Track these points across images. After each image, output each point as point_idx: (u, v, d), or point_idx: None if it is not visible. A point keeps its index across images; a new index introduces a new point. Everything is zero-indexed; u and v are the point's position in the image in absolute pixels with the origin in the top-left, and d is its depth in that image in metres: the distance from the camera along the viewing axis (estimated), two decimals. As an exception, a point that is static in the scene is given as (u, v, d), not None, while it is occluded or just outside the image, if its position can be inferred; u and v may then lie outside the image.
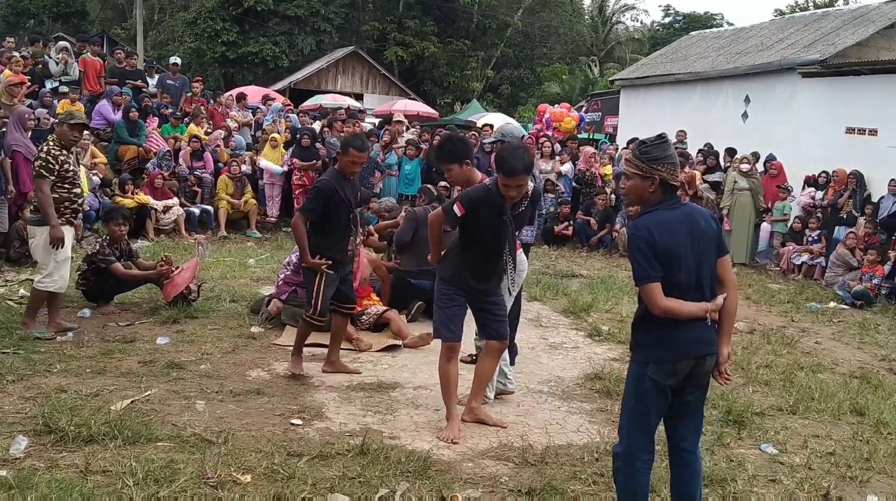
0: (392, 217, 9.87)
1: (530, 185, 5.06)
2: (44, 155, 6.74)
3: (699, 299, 3.57)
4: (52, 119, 8.88)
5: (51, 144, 6.82)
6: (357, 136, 6.90)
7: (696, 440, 3.80)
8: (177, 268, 8.12)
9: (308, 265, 6.02)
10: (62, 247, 6.73)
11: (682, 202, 3.66)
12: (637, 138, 16.57)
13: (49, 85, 14.61)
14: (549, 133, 18.89)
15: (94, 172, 12.49)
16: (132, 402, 5.32)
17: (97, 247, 7.93)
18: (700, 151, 15.66)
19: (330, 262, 6.01)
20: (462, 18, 36.81)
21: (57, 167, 6.69)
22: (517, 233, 5.24)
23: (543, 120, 21.14)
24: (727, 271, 3.71)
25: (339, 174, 6.11)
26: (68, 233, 6.86)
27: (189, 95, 16.18)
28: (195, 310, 7.85)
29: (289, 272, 7.74)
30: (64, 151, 6.81)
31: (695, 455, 3.78)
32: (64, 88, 14.09)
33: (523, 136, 6.89)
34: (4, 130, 9.86)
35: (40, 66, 15.16)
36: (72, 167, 6.85)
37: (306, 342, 7.06)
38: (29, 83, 12.92)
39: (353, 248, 6.37)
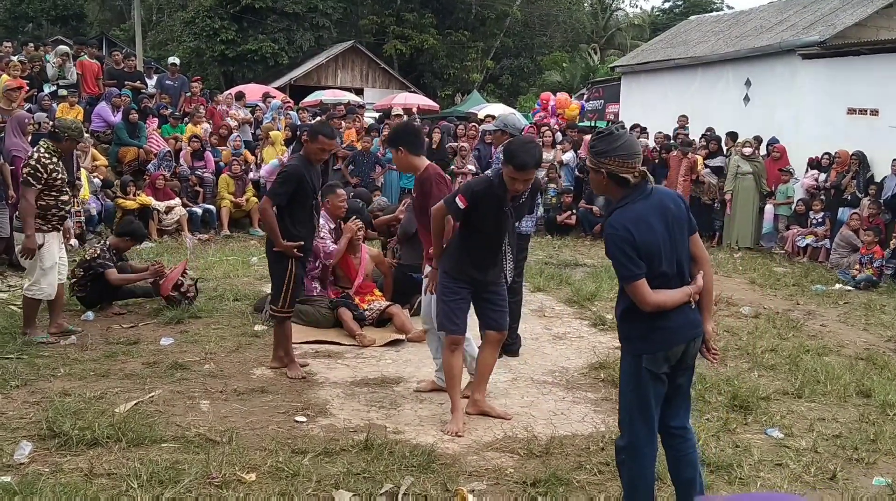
0: (388, 214, 9.84)
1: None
2: (33, 162, 6.67)
3: (681, 284, 3.57)
4: (51, 123, 8.83)
5: (42, 151, 6.75)
6: (325, 123, 6.99)
7: (686, 417, 3.80)
8: (170, 269, 8.18)
9: (281, 249, 6.02)
10: (31, 258, 6.69)
11: (650, 190, 3.58)
12: (638, 125, 16.57)
13: (47, 89, 14.61)
14: (553, 122, 18.87)
15: (94, 174, 12.50)
16: (136, 404, 5.33)
17: (97, 252, 7.93)
18: (703, 136, 15.61)
19: (302, 243, 6.07)
20: (460, 9, 36.73)
21: (45, 176, 6.65)
22: (517, 224, 5.23)
23: (549, 107, 21.07)
24: (699, 248, 3.70)
25: (306, 160, 6.16)
26: (55, 239, 6.83)
27: (188, 95, 16.18)
28: (198, 310, 7.85)
29: None
30: (54, 159, 6.77)
31: (687, 429, 3.78)
32: (62, 92, 14.09)
33: (524, 127, 6.86)
34: (3, 135, 9.85)
35: (39, 69, 15.15)
36: (60, 176, 6.81)
37: (311, 339, 7.12)
38: (27, 87, 12.92)
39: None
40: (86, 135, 12.75)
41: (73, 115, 13.36)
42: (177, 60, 17.58)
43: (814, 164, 14.17)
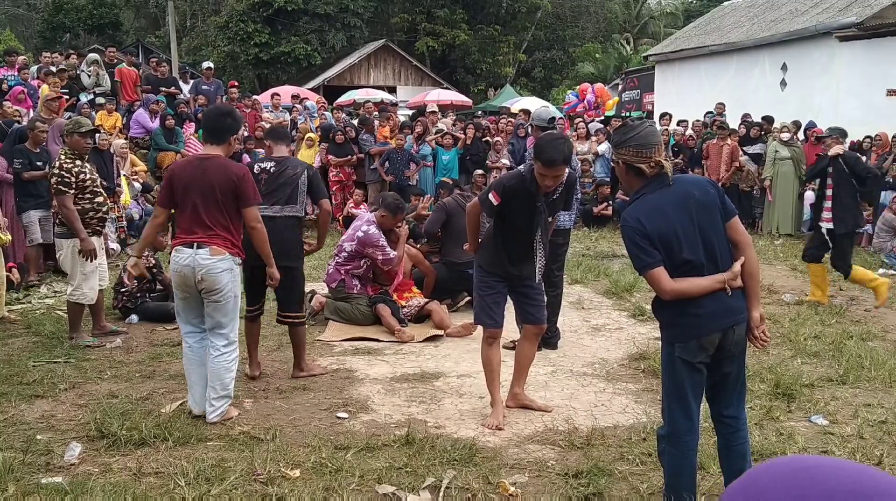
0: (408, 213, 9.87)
1: (566, 171, 5.02)
2: (58, 170, 6.73)
3: (715, 271, 3.50)
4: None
5: (63, 157, 6.81)
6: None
7: (740, 406, 3.75)
8: None
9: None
10: (94, 258, 6.82)
11: (670, 180, 3.56)
12: (668, 114, 16.42)
13: (84, 97, 14.84)
14: (590, 115, 18.81)
15: (134, 177, 12.69)
16: (182, 404, 5.40)
17: (153, 262, 7.99)
18: (743, 122, 15.42)
19: None
20: (491, 4, 36.60)
21: (73, 180, 6.73)
22: (551, 219, 5.22)
23: (586, 100, 20.99)
24: (738, 233, 3.62)
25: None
26: (95, 243, 6.93)
27: (226, 99, 16.35)
28: (240, 310, 7.92)
29: (340, 260, 7.74)
30: (78, 162, 6.84)
31: (739, 419, 3.74)
32: (100, 100, 14.31)
33: (552, 118, 6.83)
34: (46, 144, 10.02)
35: (75, 78, 15.39)
36: (89, 176, 6.89)
37: (350, 337, 7.21)
38: (66, 97, 13.14)
39: None
40: (124, 141, 12.96)
41: (112, 122, 13.59)
42: (211, 64, 17.77)
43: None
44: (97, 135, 11.03)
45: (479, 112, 24.16)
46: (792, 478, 1.03)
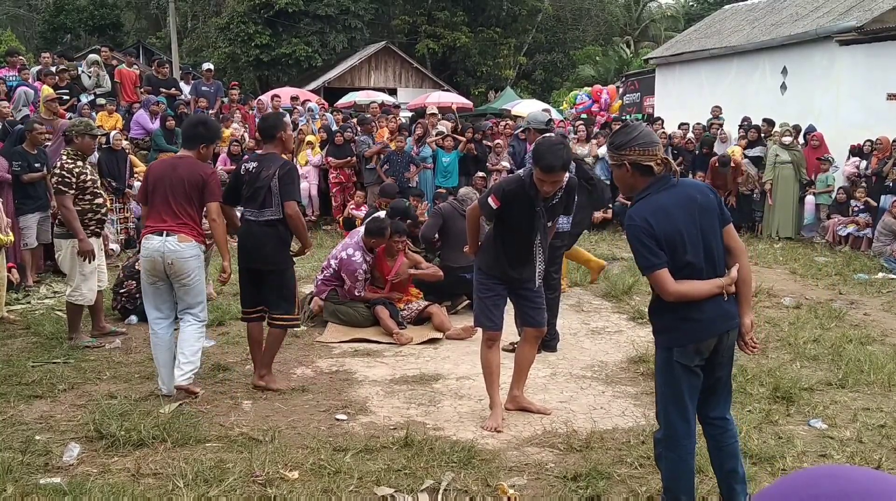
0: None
1: (565, 176, 5.02)
2: (58, 170, 6.77)
3: (713, 275, 3.53)
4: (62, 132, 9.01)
5: (64, 157, 6.85)
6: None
7: (726, 407, 3.78)
8: None
9: (309, 250, 6.20)
10: (93, 259, 6.82)
11: (674, 182, 3.60)
12: (660, 118, 16.35)
13: (84, 98, 14.83)
14: (604, 117, 18.85)
15: (135, 178, 12.68)
16: (180, 405, 5.42)
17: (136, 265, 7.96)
18: (741, 125, 15.42)
19: None
20: (492, 6, 36.60)
21: (74, 180, 6.74)
22: (550, 223, 5.21)
23: (601, 100, 21.01)
24: (734, 240, 3.67)
25: None
26: (94, 245, 6.92)
27: (226, 101, 16.36)
28: (238, 312, 7.93)
29: (327, 274, 7.75)
30: (79, 163, 6.85)
31: (727, 420, 3.76)
32: (101, 100, 14.31)
33: (549, 120, 6.86)
34: (48, 145, 10.03)
35: (75, 79, 15.38)
36: (89, 177, 6.90)
37: (349, 338, 7.21)
38: (64, 98, 13.13)
39: None
40: (126, 142, 12.95)
41: (112, 123, 13.59)
42: (211, 66, 17.77)
43: (856, 151, 13.95)
44: (111, 134, 11.15)
45: (489, 115, 24.09)
46: (814, 483, 1.04)
